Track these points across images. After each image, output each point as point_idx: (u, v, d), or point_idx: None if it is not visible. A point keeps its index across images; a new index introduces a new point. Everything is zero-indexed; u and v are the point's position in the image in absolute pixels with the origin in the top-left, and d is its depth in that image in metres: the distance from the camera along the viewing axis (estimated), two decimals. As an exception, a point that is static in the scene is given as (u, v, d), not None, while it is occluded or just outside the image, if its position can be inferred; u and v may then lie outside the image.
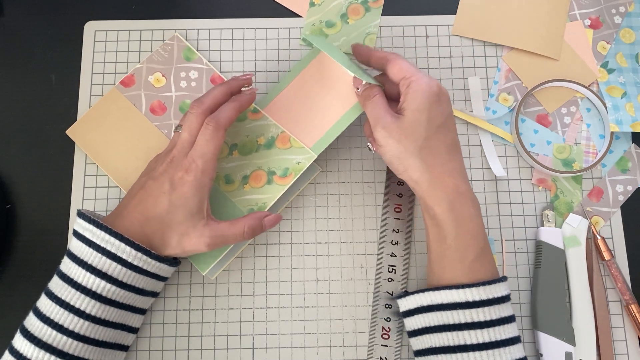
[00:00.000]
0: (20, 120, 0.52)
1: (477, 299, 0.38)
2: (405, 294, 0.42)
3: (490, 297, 0.38)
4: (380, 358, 0.47)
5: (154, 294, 0.45)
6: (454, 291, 0.38)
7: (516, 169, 0.51)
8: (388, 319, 0.47)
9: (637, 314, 0.47)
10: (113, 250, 0.40)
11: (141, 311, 0.44)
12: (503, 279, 0.39)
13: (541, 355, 0.46)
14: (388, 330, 0.47)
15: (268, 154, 0.47)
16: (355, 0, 0.55)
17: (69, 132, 0.50)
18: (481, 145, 0.52)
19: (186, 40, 0.53)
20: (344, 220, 0.50)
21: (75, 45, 0.54)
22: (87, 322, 0.39)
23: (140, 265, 0.41)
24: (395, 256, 0.49)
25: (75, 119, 0.52)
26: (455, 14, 0.55)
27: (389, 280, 0.48)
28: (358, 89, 0.44)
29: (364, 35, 0.54)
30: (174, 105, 0.51)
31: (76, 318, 0.39)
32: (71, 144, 0.51)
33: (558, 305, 0.47)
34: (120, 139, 0.50)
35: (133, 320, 0.44)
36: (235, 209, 0.47)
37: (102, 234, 0.40)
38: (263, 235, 0.49)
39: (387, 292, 0.48)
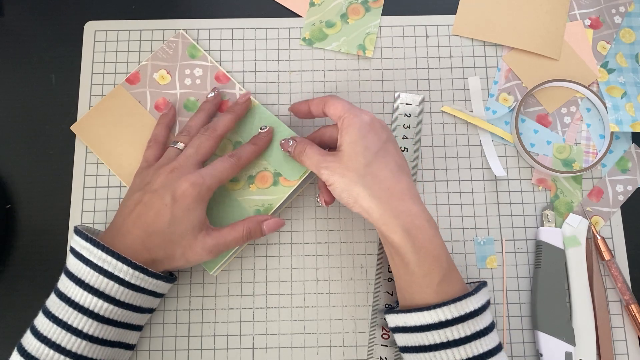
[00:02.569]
0: (20, 120, 0.52)
1: (449, 317, 0.37)
2: (390, 310, 0.42)
3: (462, 313, 0.37)
4: (380, 358, 0.47)
5: (150, 311, 0.45)
6: (425, 313, 0.38)
7: (516, 169, 0.51)
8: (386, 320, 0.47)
9: (637, 314, 0.47)
10: (110, 269, 0.40)
11: (138, 328, 0.44)
12: (476, 289, 0.39)
13: (541, 355, 0.46)
14: (388, 330, 0.47)
15: (275, 154, 0.48)
16: (355, 0, 0.55)
17: (73, 127, 0.51)
18: (481, 145, 0.52)
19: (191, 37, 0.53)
20: (344, 220, 0.50)
21: (75, 45, 0.54)
22: (84, 342, 0.39)
23: (137, 283, 0.41)
24: (395, 256, 0.49)
25: (75, 119, 0.52)
26: (455, 14, 0.55)
27: (389, 280, 0.48)
28: (288, 151, 0.45)
29: (364, 35, 0.54)
30: (178, 103, 0.51)
31: (74, 337, 0.39)
32: (71, 144, 0.51)
33: (558, 305, 0.47)
34: (125, 135, 0.50)
35: (130, 337, 0.44)
36: (242, 208, 0.47)
37: (99, 252, 0.40)
38: (263, 235, 0.49)
39: (387, 292, 0.48)
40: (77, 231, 0.41)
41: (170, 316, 0.48)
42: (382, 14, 0.55)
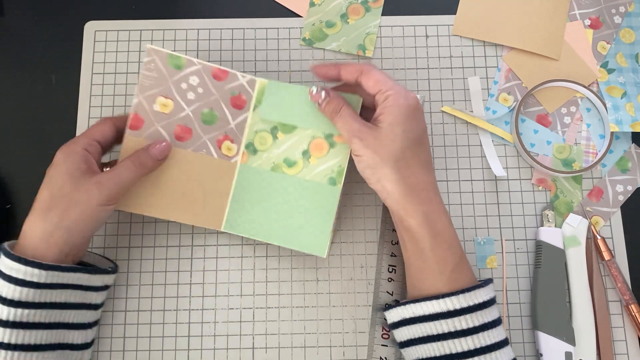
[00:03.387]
0: (20, 120, 0.52)
1: (457, 307, 0.38)
2: (391, 306, 0.42)
3: (471, 304, 0.38)
4: (380, 358, 0.47)
5: (89, 306, 0.43)
6: (434, 302, 0.38)
7: (516, 169, 0.51)
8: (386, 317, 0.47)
9: (637, 314, 0.47)
10: (21, 277, 0.38)
11: (80, 326, 0.42)
12: (484, 283, 0.39)
13: (541, 355, 0.46)
14: (388, 330, 0.47)
15: (315, 120, 0.45)
16: (355, 0, 0.55)
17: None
18: (481, 145, 0.52)
19: (163, 46, 0.50)
20: (344, 220, 0.50)
21: (75, 45, 0.54)
22: (16, 353, 0.38)
23: (55, 281, 0.39)
24: (395, 256, 0.49)
25: (75, 119, 0.52)
26: (455, 14, 0.55)
27: (389, 280, 0.48)
28: (319, 103, 0.43)
29: (364, 35, 0.54)
30: (196, 122, 0.45)
31: (9, 352, 0.38)
32: (71, 144, 0.51)
33: (558, 305, 0.47)
34: (165, 183, 0.45)
35: (72, 336, 0.42)
36: (315, 185, 0.45)
37: (8, 261, 0.38)
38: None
39: (387, 291, 0.48)
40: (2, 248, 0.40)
41: (170, 316, 0.48)
42: (382, 14, 0.55)
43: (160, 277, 0.48)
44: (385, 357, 0.46)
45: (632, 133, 0.52)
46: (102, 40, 0.54)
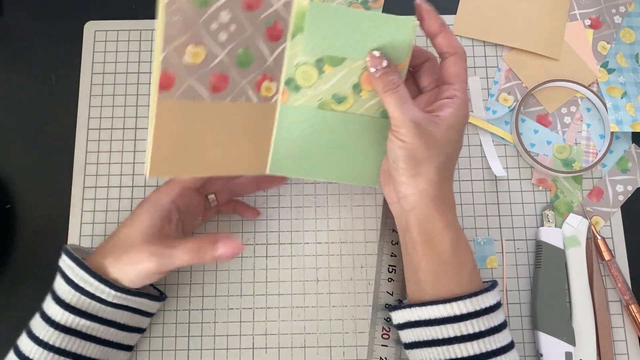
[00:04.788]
0: (20, 120, 0.52)
1: (464, 312, 0.37)
2: (397, 306, 0.41)
3: (478, 308, 0.37)
4: (380, 358, 0.47)
5: (139, 330, 0.45)
6: (440, 306, 0.38)
7: (516, 169, 0.51)
8: (388, 319, 0.47)
9: (637, 314, 0.47)
10: (92, 291, 0.40)
11: (126, 348, 0.44)
12: (491, 287, 0.39)
13: (541, 355, 0.46)
14: (388, 330, 0.47)
15: (364, 47, 0.39)
16: (355, 0, 0.55)
17: (151, 174, 0.38)
18: (481, 145, 0.52)
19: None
20: (344, 220, 0.50)
21: (75, 45, 0.54)
22: (62, 359, 0.39)
23: (120, 302, 0.41)
24: (395, 256, 0.49)
25: (75, 119, 0.52)
26: (455, 14, 0.55)
27: (389, 280, 0.48)
28: (376, 69, 0.38)
29: (364, 35, 0.53)
30: (232, 67, 0.38)
31: (56, 357, 0.39)
32: (71, 144, 0.51)
33: (558, 305, 0.47)
34: (205, 143, 0.40)
35: (117, 357, 0.43)
36: (368, 119, 0.42)
37: (82, 272, 0.40)
38: (263, 235, 0.49)
39: (387, 292, 0.48)
40: (65, 250, 0.41)
41: (170, 316, 0.48)
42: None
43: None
44: (386, 357, 0.46)
45: (632, 133, 0.52)
46: (102, 40, 0.54)
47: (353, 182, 0.44)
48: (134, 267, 0.40)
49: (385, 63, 0.38)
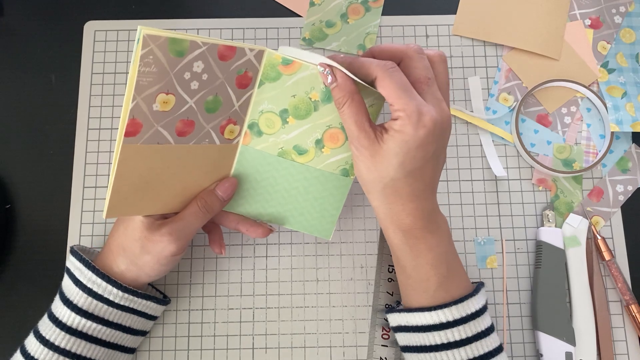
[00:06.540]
0: (20, 120, 0.52)
1: (450, 319, 0.37)
2: (392, 309, 0.42)
3: (464, 314, 0.37)
4: (380, 358, 0.46)
5: (143, 333, 0.45)
6: (426, 313, 0.38)
7: (516, 169, 0.51)
8: (387, 319, 0.47)
9: (637, 314, 0.47)
10: (100, 292, 0.40)
11: (129, 350, 0.44)
12: (475, 292, 0.39)
13: (541, 355, 0.46)
14: (388, 330, 0.47)
15: (332, 108, 0.39)
16: (355, 0, 0.55)
17: (107, 216, 0.39)
18: (481, 145, 0.52)
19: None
20: (344, 221, 0.50)
21: (75, 45, 0.54)
22: None
23: (127, 304, 0.41)
24: (395, 256, 0.49)
25: (75, 119, 0.52)
26: (455, 14, 0.55)
27: (389, 280, 0.48)
28: (330, 81, 0.37)
29: (364, 35, 0.54)
30: (199, 113, 0.38)
31: (62, 358, 0.39)
32: (71, 144, 0.51)
33: (558, 305, 0.47)
34: (165, 182, 0.40)
35: (120, 359, 0.43)
36: (327, 175, 0.42)
37: (90, 274, 0.40)
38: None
39: (387, 292, 0.48)
40: (72, 251, 0.42)
41: (170, 316, 0.48)
42: (382, 14, 0.55)
43: (159, 278, 0.48)
44: (385, 358, 0.46)
45: (633, 133, 0.52)
46: (102, 40, 0.54)
47: (306, 231, 0.45)
48: (154, 256, 0.40)
49: (330, 79, 0.37)
